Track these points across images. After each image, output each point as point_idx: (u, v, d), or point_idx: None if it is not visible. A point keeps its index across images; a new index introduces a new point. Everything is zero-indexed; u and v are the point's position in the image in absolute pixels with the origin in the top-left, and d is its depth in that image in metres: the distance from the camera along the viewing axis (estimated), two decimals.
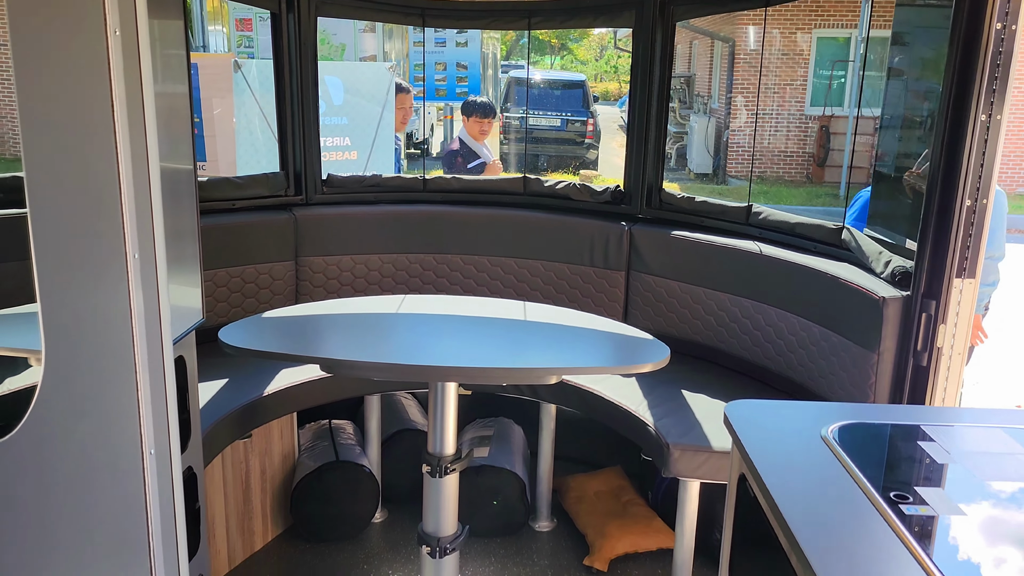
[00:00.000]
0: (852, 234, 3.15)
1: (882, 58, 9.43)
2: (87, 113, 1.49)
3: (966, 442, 1.62)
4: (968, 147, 2.47)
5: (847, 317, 2.93)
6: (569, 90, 18.95)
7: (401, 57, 17.60)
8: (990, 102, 2.46)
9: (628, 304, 3.95)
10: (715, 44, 20.11)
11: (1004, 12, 2.41)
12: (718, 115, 19.12)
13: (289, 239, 3.94)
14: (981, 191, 2.54)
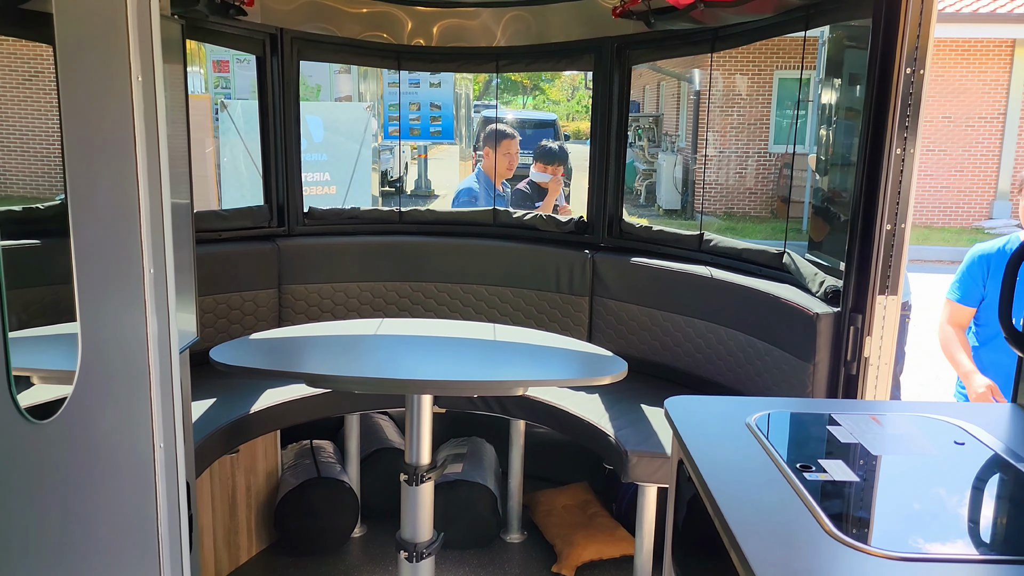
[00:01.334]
0: (792, 258, 3.46)
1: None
2: (114, 149, 1.74)
3: (866, 426, 1.89)
4: (885, 178, 2.78)
5: (787, 333, 3.22)
6: (541, 129, 19.39)
7: (376, 98, 17.98)
8: (903, 137, 2.78)
9: (592, 327, 4.22)
10: (681, 85, 20.74)
11: (912, 58, 2.74)
12: (685, 153, 19.66)
13: (272, 268, 4.18)
14: (899, 216, 2.85)
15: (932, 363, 7.32)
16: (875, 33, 2.77)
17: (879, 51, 2.76)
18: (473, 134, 19.66)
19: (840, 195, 3.42)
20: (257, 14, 4.04)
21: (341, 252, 4.34)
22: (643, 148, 20.83)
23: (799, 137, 18.38)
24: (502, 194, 5.25)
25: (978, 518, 1.56)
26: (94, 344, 1.62)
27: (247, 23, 3.96)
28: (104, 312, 1.69)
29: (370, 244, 4.41)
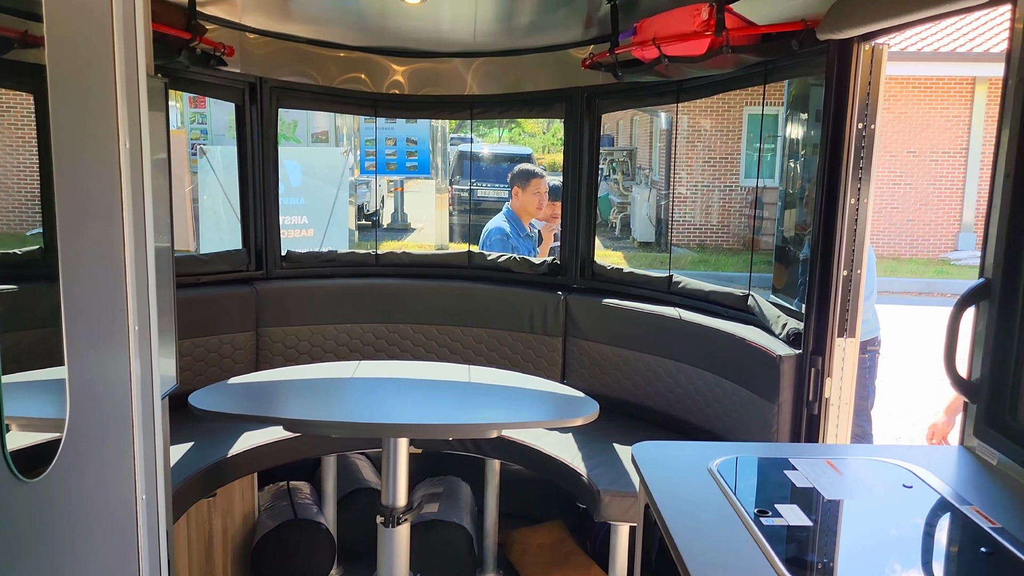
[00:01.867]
0: (756, 300, 3.58)
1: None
2: (102, 206, 1.82)
3: (821, 470, 1.99)
4: (840, 227, 2.92)
5: (752, 373, 3.33)
6: (517, 163, 19.57)
7: (352, 132, 18.12)
8: (856, 188, 2.93)
9: (566, 367, 4.31)
10: (654, 120, 21.10)
11: (863, 114, 2.89)
12: (659, 187, 19.96)
13: (250, 311, 4.23)
14: (855, 262, 2.98)
15: (901, 396, 7.49)
16: (827, 90, 2.92)
17: (832, 107, 2.91)
18: (449, 168, 19.84)
19: (804, 229, 3.56)
20: (237, 63, 4.14)
21: (318, 295, 4.41)
22: (617, 182, 21.13)
23: (769, 171, 18.76)
24: (530, 234, 5.16)
25: (929, 560, 1.65)
26: (81, 393, 1.68)
27: (227, 72, 4.06)
28: (90, 360, 1.75)
29: (347, 286, 4.48)
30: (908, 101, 16.86)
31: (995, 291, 2.02)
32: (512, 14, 3.95)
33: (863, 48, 2.82)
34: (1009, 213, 1.98)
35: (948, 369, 2.11)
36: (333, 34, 4.31)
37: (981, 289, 2.07)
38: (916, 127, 16.91)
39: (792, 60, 3.24)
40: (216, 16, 3.99)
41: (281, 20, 4.12)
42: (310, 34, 4.30)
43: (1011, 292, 1.99)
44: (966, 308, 2.10)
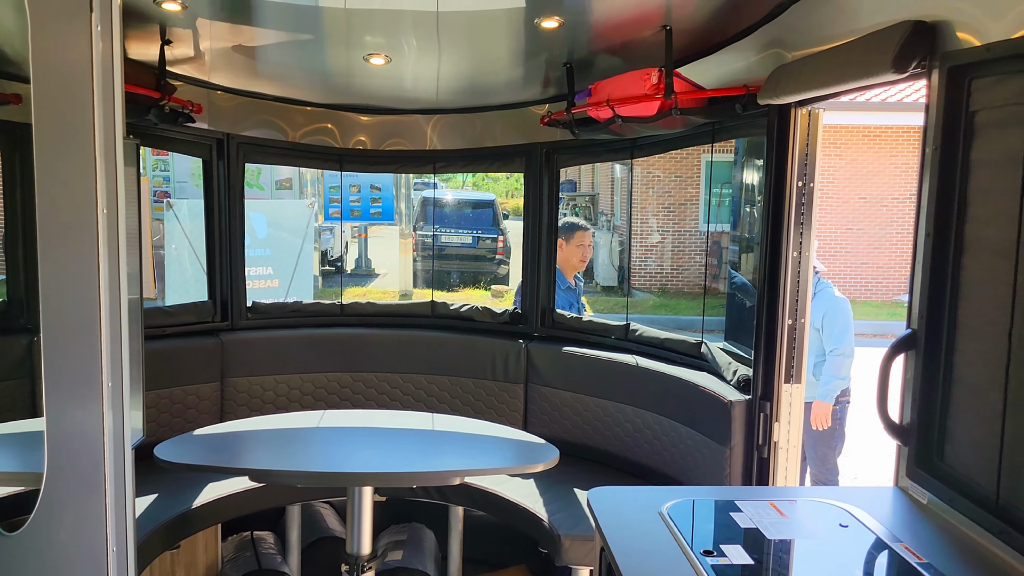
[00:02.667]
0: (708, 347, 3.73)
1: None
2: (81, 265, 1.90)
3: (764, 512, 2.10)
4: (784, 279, 3.09)
5: (705, 418, 3.46)
6: (480, 209, 19.80)
7: (316, 179, 18.20)
8: (799, 242, 3.10)
9: (527, 413, 4.40)
10: (614, 166, 21.53)
11: (803, 173, 3.08)
12: (621, 232, 20.29)
13: (216, 362, 4.28)
14: (799, 312, 3.15)
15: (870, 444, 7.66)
16: (769, 150, 3.11)
17: (773, 166, 3.10)
18: (413, 213, 20.00)
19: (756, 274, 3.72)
20: (205, 119, 4.25)
21: (284, 345, 4.48)
22: None
23: (725, 217, 19.21)
24: (573, 287, 4.99)
25: None
26: (58, 446, 1.75)
27: (195, 129, 4.16)
28: (67, 414, 1.82)
29: (312, 336, 4.55)
30: (858, 149, 17.46)
31: (920, 342, 2.18)
32: (473, 75, 4.12)
33: (800, 112, 3.02)
34: (931, 269, 2.15)
35: (881, 414, 2.25)
36: (299, 92, 4.45)
37: (908, 339, 2.22)
38: (866, 174, 17.48)
39: (737, 121, 3.43)
40: (185, 75, 4.10)
41: (249, 78, 4.25)
42: (277, 92, 4.43)
43: (934, 343, 2.15)
44: (895, 357, 2.25)
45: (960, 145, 2.08)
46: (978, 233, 2.03)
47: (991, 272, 1.97)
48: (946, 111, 2.10)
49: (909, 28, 2.17)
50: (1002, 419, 1.89)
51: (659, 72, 3.37)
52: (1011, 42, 1.86)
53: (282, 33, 3.63)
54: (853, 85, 2.52)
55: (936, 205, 2.14)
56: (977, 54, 1.98)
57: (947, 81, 2.09)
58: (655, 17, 3.24)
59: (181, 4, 3.22)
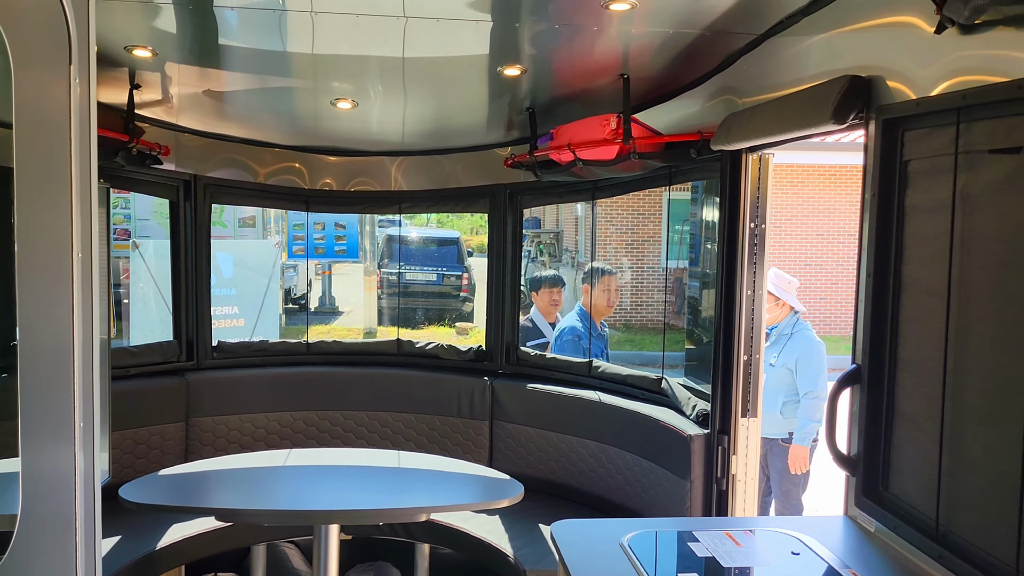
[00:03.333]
0: (668, 383, 3.83)
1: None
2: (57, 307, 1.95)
3: (720, 541, 2.19)
4: (739, 316, 3.21)
5: (666, 452, 3.55)
6: (444, 246, 19.88)
7: (280, 216, 18.17)
8: (752, 280, 3.23)
9: (493, 449, 4.46)
10: (577, 205, 21.80)
11: (755, 215, 3.22)
12: (585, 267, 20.50)
13: (180, 402, 4.28)
14: (753, 348, 3.27)
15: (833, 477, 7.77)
16: (722, 194, 3.25)
17: (727, 209, 3.24)
18: (378, 251, 20.04)
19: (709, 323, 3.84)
20: (172, 160, 4.30)
21: (249, 384, 4.49)
22: (544, 263, 21.61)
23: (685, 253, 19.53)
24: (601, 333, 5.00)
25: None
26: (32, 488, 1.78)
27: (162, 171, 4.21)
28: (41, 455, 1.85)
29: (278, 375, 4.58)
30: (815, 187, 17.93)
31: (864, 376, 2.30)
32: (438, 119, 4.24)
33: (751, 157, 3.17)
34: (872, 308, 2.28)
35: (830, 446, 2.36)
36: (267, 134, 4.53)
37: (854, 374, 2.34)
38: (824, 211, 17.95)
39: (692, 165, 3.58)
40: (153, 118, 4.16)
41: (216, 121, 4.32)
42: (244, 133, 4.51)
43: (878, 377, 2.27)
44: (842, 391, 2.37)
45: (896, 192, 2.23)
46: (913, 274, 2.16)
47: (926, 311, 2.10)
48: (882, 160, 2.25)
49: (847, 83, 2.32)
50: (939, 449, 2.01)
51: (618, 118, 3.51)
52: (937, 98, 2.01)
53: (250, 78, 3.72)
54: (797, 134, 2.67)
55: (875, 248, 2.28)
56: (908, 108, 2.13)
57: (882, 132, 2.24)
58: (613, 66, 3.39)
59: (151, 50, 3.30)
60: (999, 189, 1.85)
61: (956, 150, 1.96)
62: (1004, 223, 1.83)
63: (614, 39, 3.08)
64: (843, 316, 17.99)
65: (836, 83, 2.36)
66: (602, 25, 2.89)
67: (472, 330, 17.19)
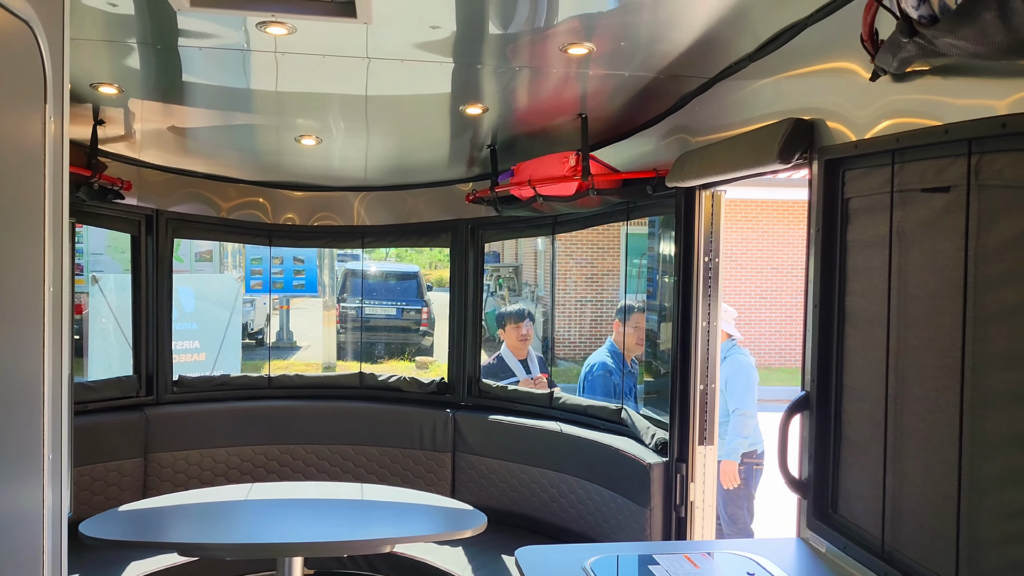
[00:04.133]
0: (628, 413, 3.92)
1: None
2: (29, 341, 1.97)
3: (679, 564, 2.26)
4: (695, 347, 3.32)
5: (627, 481, 3.62)
6: (404, 280, 19.89)
7: (237, 251, 18.03)
8: (707, 312, 3.35)
9: (455, 481, 4.49)
10: (537, 239, 22.01)
11: (708, 249, 3.35)
12: (544, 302, 20.65)
13: (139, 437, 4.25)
14: (709, 377, 3.37)
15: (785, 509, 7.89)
16: (677, 229, 3.38)
17: (682, 243, 3.36)
18: (337, 285, 19.95)
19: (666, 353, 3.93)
20: (134, 195, 4.31)
21: (210, 418, 4.48)
22: (504, 297, 21.72)
23: (643, 287, 19.80)
24: (632, 369, 4.83)
25: None
26: (2, 523, 1.78)
27: (124, 205, 4.22)
28: (11, 491, 1.86)
29: (239, 409, 4.57)
30: (769, 222, 18.38)
31: (813, 403, 2.41)
32: (400, 155, 4.33)
33: (704, 194, 3.30)
34: (818, 337, 2.39)
35: (782, 470, 2.46)
36: (229, 170, 4.57)
37: (802, 401, 2.45)
38: (778, 245, 18.38)
39: (649, 201, 3.71)
40: (115, 152, 4.18)
41: (179, 156, 4.36)
42: (207, 169, 4.54)
43: (825, 403, 2.38)
44: (792, 417, 2.47)
45: (838, 228, 2.36)
46: (855, 306, 2.28)
47: (867, 340, 2.22)
48: (825, 198, 2.39)
49: (791, 125, 2.46)
50: (883, 472, 2.11)
51: (576, 155, 3.64)
52: (873, 140, 2.15)
53: (214, 114, 3.77)
54: (746, 172, 2.81)
55: (820, 280, 2.40)
56: (847, 149, 2.27)
57: (824, 171, 2.37)
58: (572, 106, 3.52)
59: (117, 87, 3.34)
60: (930, 225, 1.98)
61: (892, 188, 2.10)
62: (935, 257, 1.96)
63: (573, 81, 3.21)
64: (797, 349, 18.36)
65: (781, 125, 2.50)
66: (561, 68, 3.01)
67: (432, 364, 17.15)
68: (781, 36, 2.62)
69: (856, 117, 2.26)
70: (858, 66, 2.23)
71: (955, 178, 1.89)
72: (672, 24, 2.64)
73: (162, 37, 2.86)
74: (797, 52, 2.57)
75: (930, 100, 1.96)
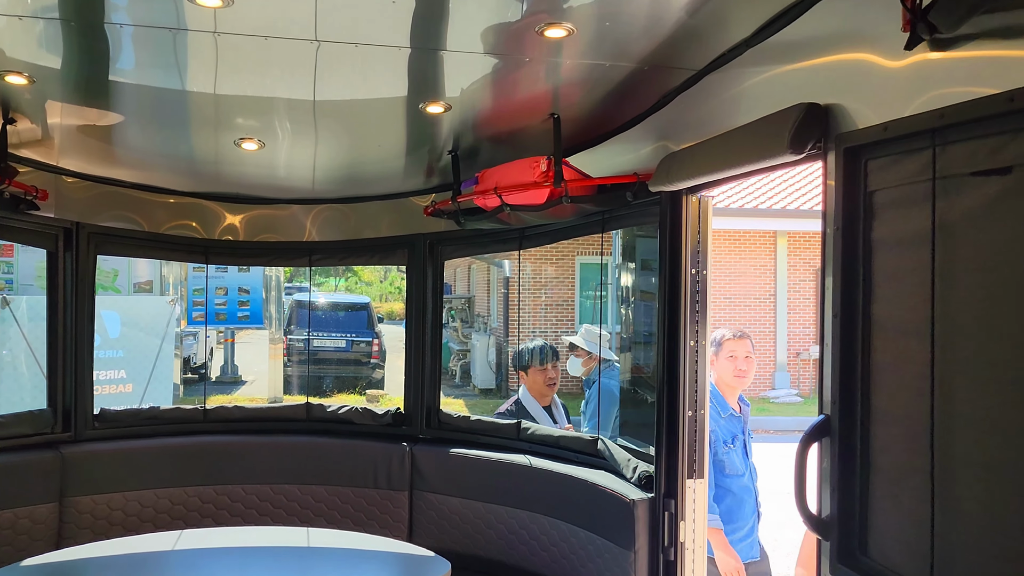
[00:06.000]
0: (605, 444, 3.56)
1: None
2: None
3: None
4: (683, 368, 2.98)
5: (606, 520, 3.25)
6: (354, 312, 19.40)
7: (179, 281, 17.34)
8: (695, 331, 3.03)
9: (413, 523, 4.06)
10: (491, 269, 21.72)
11: (696, 260, 3.04)
12: (498, 333, 20.28)
13: (54, 479, 3.74)
14: (698, 403, 3.04)
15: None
16: (662, 238, 3.06)
17: (667, 254, 3.04)
18: (284, 317, 19.31)
19: (642, 371, 3.61)
20: (51, 207, 3.85)
21: (137, 457, 3.99)
22: (456, 329, 21.28)
23: (602, 317, 19.62)
24: (736, 414, 3.91)
25: None
26: None
27: (39, 217, 3.76)
28: None
29: (170, 446, 4.08)
30: (721, 252, 18.37)
31: (835, 428, 2.08)
32: (352, 163, 3.95)
33: (691, 199, 3.00)
34: (840, 350, 2.07)
35: (800, 507, 2.12)
36: (161, 179, 4.14)
37: (822, 426, 2.12)
38: (731, 275, 18.36)
39: (628, 210, 3.39)
40: (29, 158, 3.73)
41: (103, 164, 3.91)
42: (135, 178, 4.10)
43: (849, 427, 2.06)
44: (811, 445, 2.14)
45: (861, 225, 2.05)
46: (885, 314, 1.97)
47: (901, 353, 1.90)
48: (845, 192, 2.08)
49: (803, 110, 2.16)
50: (930, 507, 1.79)
51: (548, 160, 3.31)
52: (908, 120, 1.85)
53: (144, 111, 3.37)
54: (750, 168, 2.50)
55: (841, 285, 2.09)
56: (873, 134, 1.97)
57: (844, 162, 2.07)
58: (543, 105, 3.20)
59: (27, 77, 2.92)
60: (984, 215, 1.68)
61: (933, 175, 1.80)
62: (992, 252, 1.66)
63: (546, 74, 2.89)
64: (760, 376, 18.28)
65: (791, 111, 2.20)
66: (536, 54, 2.69)
67: (383, 398, 16.64)
68: (785, 15, 2.34)
69: (882, 96, 1.97)
70: (884, 38, 1.94)
71: (1018, 156, 1.60)
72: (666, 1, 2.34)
73: (81, 12, 2.46)
74: (807, 30, 2.28)
75: (987, 64, 1.66)
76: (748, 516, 3.80)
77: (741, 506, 3.77)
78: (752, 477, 3.85)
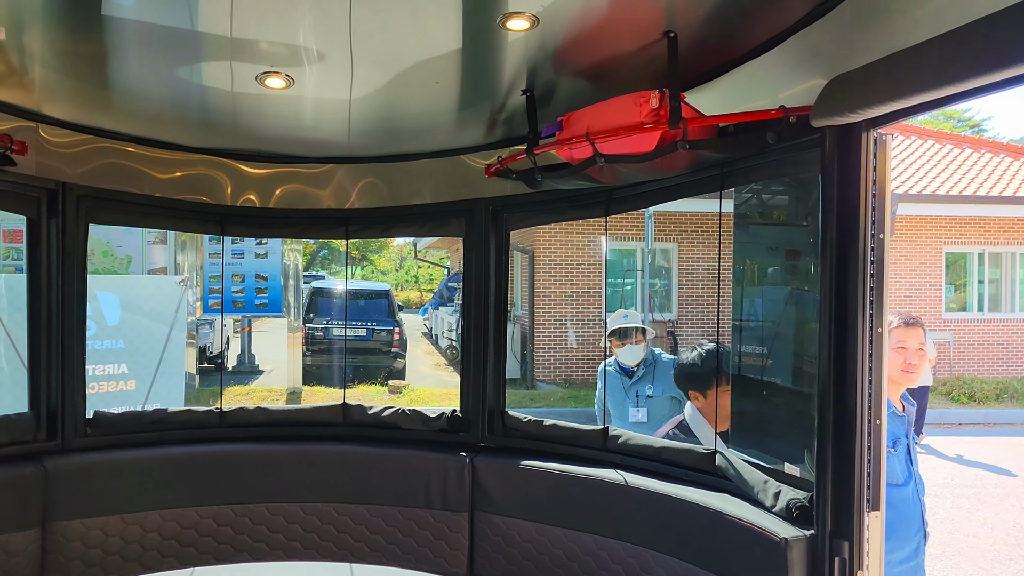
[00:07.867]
0: (728, 459, 2.80)
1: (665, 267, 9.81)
2: None
3: None
4: (861, 363, 2.22)
5: (741, 562, 2.50)
6: (374, 300, 18.84)
7: (195, 270, 16.69)
8: (871, 314, 2.26)
9: (474, 552, 3.33)
10: (515, 255, 20.95)
11: (874, 218, 2.27)
12: (522, 322, 19.54)
13: (34, 500, 3.03)
14: (875, 408, 2.28)
15: None
16: (826, 189, 2.29)
17: (834, 214, 2.27)
18: (303, 305, 18.64)
19: (763, 364, 2.86)
20: (31, 164, 3.13)
21: (137, 470, 3.27)
22: None
23: (630, 303, 18.84)
24: (902, 413, 3.26)
25: None
26: None
27: (15, 175, 3.04)
28: None
29: (180, 457, 3.36)
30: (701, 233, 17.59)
31: None
32: (397, 109, 3.19)
33: (871, 136, 2.22)
34: None
35: None
36: (167, 131, 3.40)
37: None
38: None
39: (759, 160, 2.62)
40: (2, 101, 3.00)
41: (95, 111, 3.18)
42: (135, 130, 3.37)
43: None
44: None
45: None
46: None
47: None
48: None
49: None
50: None
51: (659, 95, 2.55)
52: None
53: (145, 38, 2.61)
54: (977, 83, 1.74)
55: None
56: None
57: None
58: (655, 20, 2.43)
59: None
60: None
61: None
62: None
63: None
64: None
65: None
66: None
67: (405, 388, 15.98)
68: None
69: None
70: None
71: None
72: None
73: None
74: None
75: None
76: (912, 536, 3.03)
77: (903, 522, 3.01)
78: (918, 489, 3.08)
